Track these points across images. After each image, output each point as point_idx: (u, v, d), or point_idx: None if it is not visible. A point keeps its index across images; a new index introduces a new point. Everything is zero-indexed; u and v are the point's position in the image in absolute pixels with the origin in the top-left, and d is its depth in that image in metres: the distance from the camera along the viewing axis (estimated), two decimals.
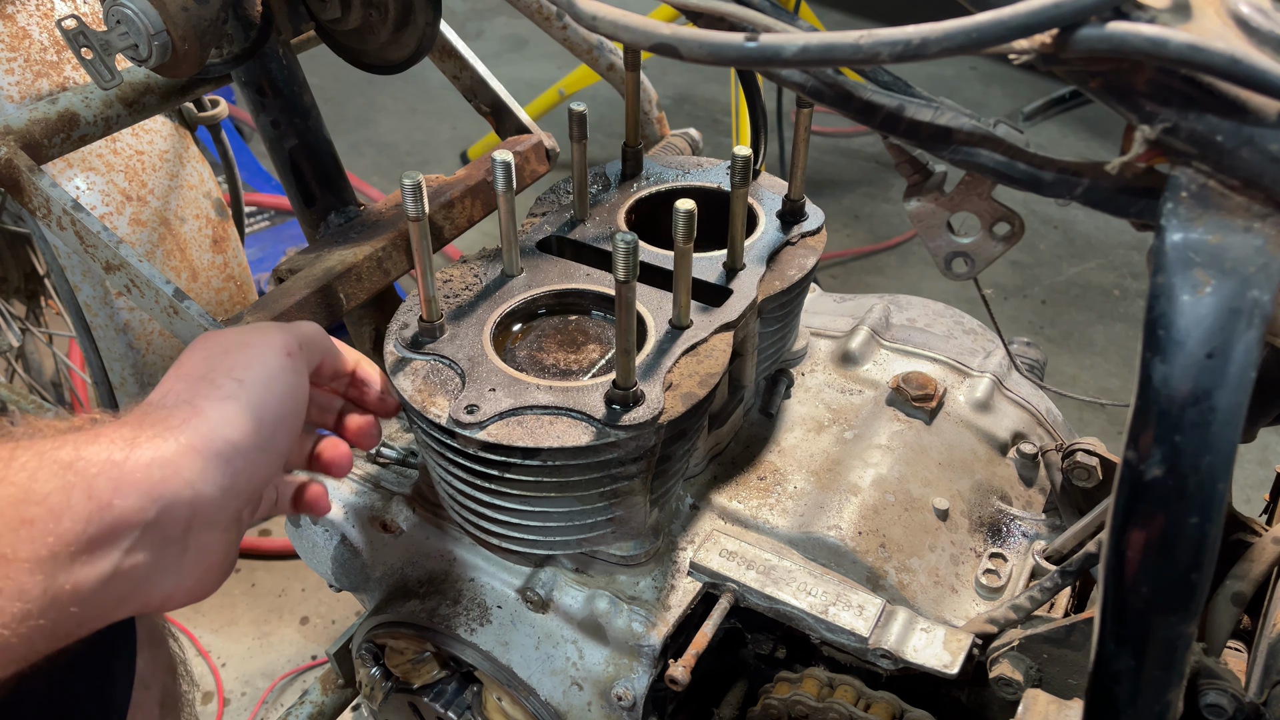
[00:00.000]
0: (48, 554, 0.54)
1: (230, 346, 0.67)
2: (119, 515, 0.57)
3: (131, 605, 0.61)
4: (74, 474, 0.56)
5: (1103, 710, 0.54)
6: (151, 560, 0.59)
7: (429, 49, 1.01)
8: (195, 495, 0.60)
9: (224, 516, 0.63)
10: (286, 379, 0.67)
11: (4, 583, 0.53)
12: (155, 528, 0.59)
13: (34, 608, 0.54)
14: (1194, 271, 0.46)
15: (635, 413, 0.75)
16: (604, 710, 0.90)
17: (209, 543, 0.63)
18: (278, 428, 0.65)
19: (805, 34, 0.49)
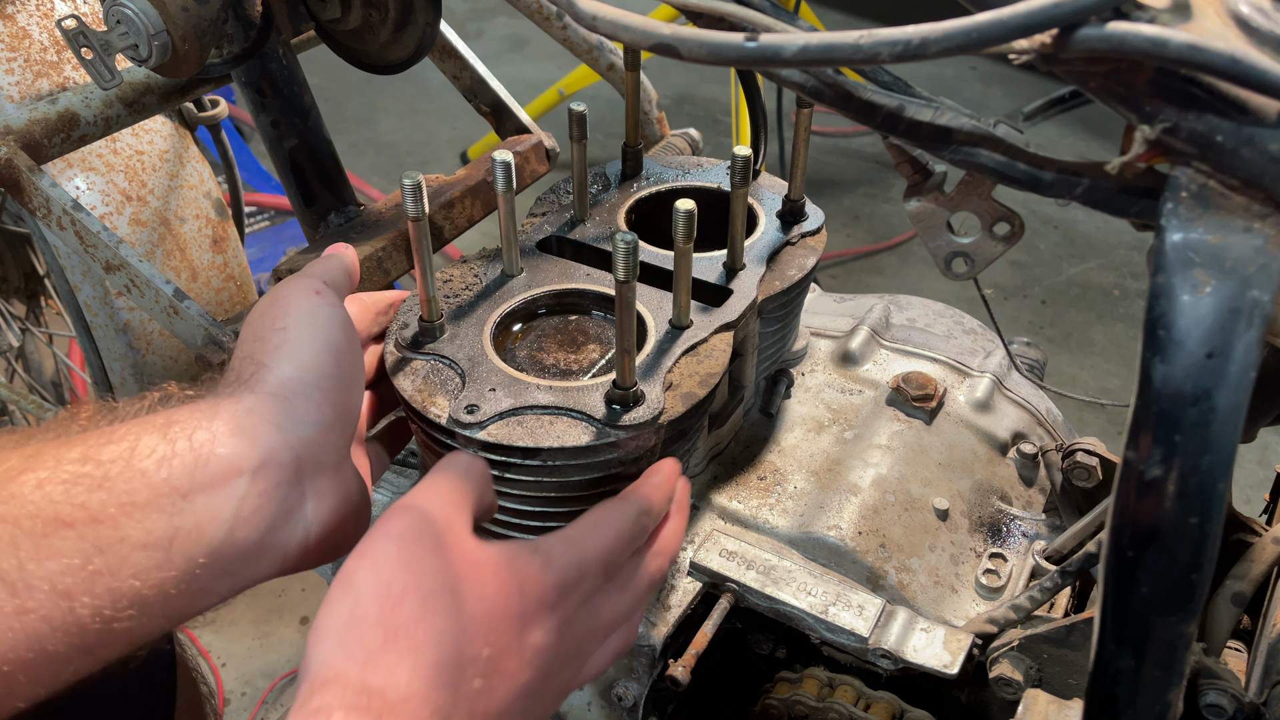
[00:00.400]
0: (168, 492, 0.57)
1: (264, 306, 0.68)
2: (224, 461, 0.59)
3: (266, 560, 0.62)
4: (174, 430, 0.59)
5: (1103, 710, 0.54)
6: (272, 507, 0.61)
7: (429, 49, 1.01)
8: (287, 435, 0.62)
9: (329, 454, 0.64)
10: (323, 312, 0.67)
11: (131, 528, 0.55)
12: (263, 473, 0.60)
13: (163, 556, 0.56)
14: (1194, 271, 0.46)
15: (635, 413, 0.75)
16: (604, 710, 0.90)
17: (325, 486, 0.64)
18: (338, 356, 0.66)
19: (805, 34, 0.49)
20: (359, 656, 0.52)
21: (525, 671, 0.59)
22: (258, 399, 0.62)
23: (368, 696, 0.51)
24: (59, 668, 0.54)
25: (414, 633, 0.54)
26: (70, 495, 0.55)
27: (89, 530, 0.55)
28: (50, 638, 0.53)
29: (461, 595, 0.56)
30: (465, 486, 0.63)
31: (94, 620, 0.54)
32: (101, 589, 0.54)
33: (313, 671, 0.53)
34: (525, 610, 0.59)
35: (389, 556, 0.56)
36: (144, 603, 0.56)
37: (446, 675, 0.54)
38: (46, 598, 0.53)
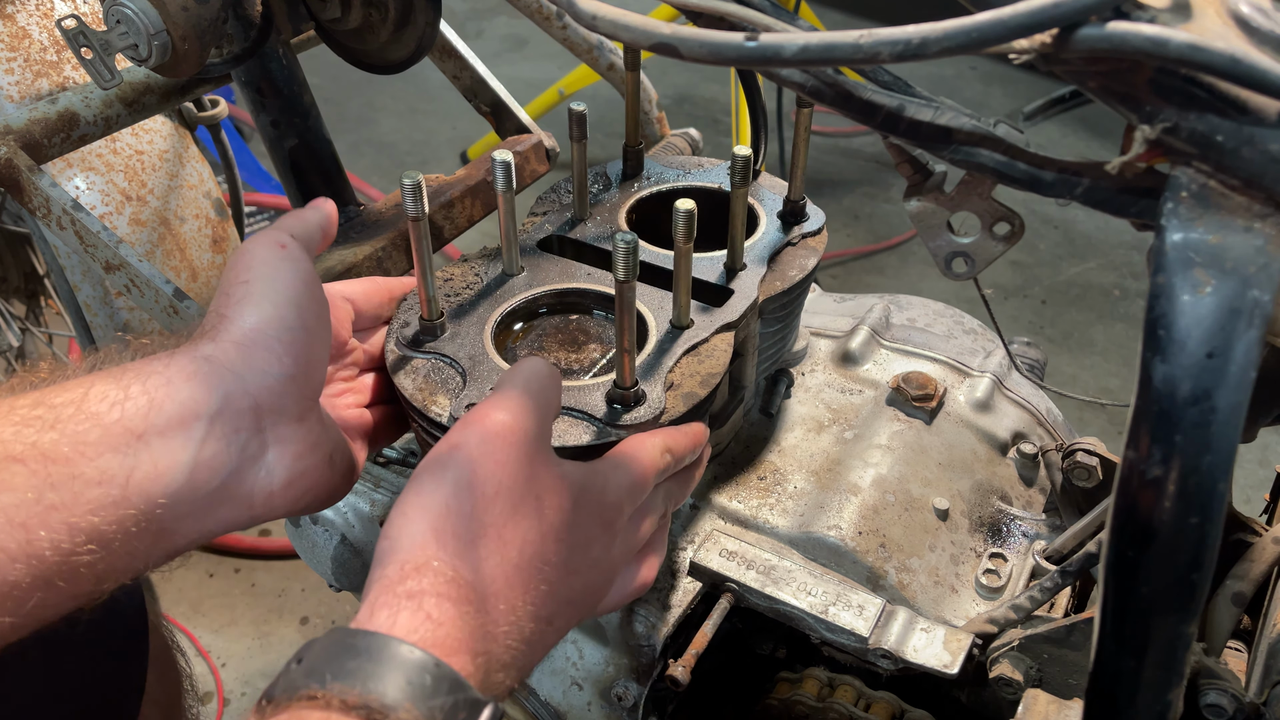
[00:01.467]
0: (120, 433, 0.57)
1: (231, 261, 0.69)
2: (180, 405, 0.60)
3: (229, 506, 0.63)
4: (128, 377, 0.60)
5: (1103, 710, 0.54)
6: (232, 453, 0.62)
7: (429, 49, 1.01)
8: (247, 383, 0.62)
9: (291, 404, 0.65)
10: (286, 266, 0.67)
11: (84, 466, 0.56)
12: (221, 419, 0.61)
13: (119, 493, 0.56)
14: (1194, 271, 0.46)
15: (636, 412, 0.75)
16: (604, 710, 0.90)
17: (287, 434, 0.65)
18: (300, 309, 0.66)
19: (805, 34, 0.49)
20: (452, 547, 0.56)
21: (579, 581, 0.64)
22: (217, 347, 0.63)
23: (458, 587, 0.55)
24: (21, 597, 0.54)
25: (503, 532, 0.58)
26: (21, 435, 0.56)
27: (40, 467, 0.55)
28: (9, 567, 0.53)
29: (544, 504, 0.61)
30: (548, 398, 0.67)
31: (53, 553, 0.55)
32: (58, 522, 0.55)
33: (403, 553, 0.56)
34: (591, 526, 0.65)
35: (487, 454, 0.60)
36: (104, 539, 0.56)
37: (523, 575, 0.59)
38: (2, 528, 0.53)
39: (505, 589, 0.57)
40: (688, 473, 0.78)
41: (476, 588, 0.56)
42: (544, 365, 0.69)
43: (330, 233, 0.76)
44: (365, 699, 0.49)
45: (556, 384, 0.69)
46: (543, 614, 0.61)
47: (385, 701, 0.49)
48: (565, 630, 0.65)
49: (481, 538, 0.57)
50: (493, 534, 0.58)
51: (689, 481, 0.79)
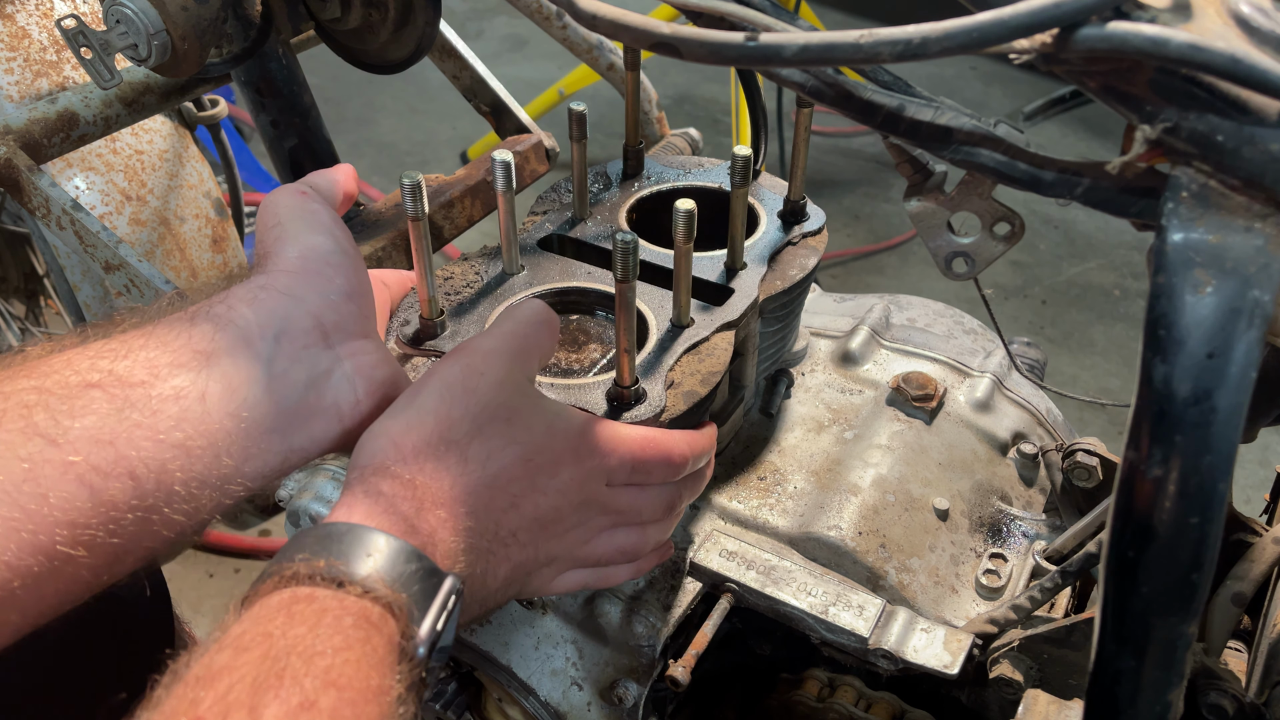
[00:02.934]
0: (190, 354, 0.60)
1: (260, 213, 0.72)
2: (244, 326, 0.62)
3: (319, 420, 0.65)
4: (193, 309, 0.63)
5: (1103, 710, 0.54)
6: (304, 366, 0.64)
7: (429, 49, 1.01)
8: (307, 303, 0.65)
9: (353, 322, 0.68)
10: (312, 207, 0.71)
11: (160, 386, 0.58)
12: (286, 336, 0.64)
13: (198, 407, 0.59)
14: (1195, 271, 0.46)
15: (637, 411, 0.75)
16: (604, 710, 0.90)
17: (356, 348, 0.67)
18: (335, 240, 0.69)
19: (805, 33, 0.49)
20: (409, 456, 0.60)
21: (546, 502, 0.67)
22: (269, 276, 0.66)
23: (414, 488, 0.59)
24: (121, 517, 0.55)
25: (464, 449, 0.62)
26: (96, 365, 0.58)
27: (117, 390, 0.57)
28: (105, 486, 0.55)
29: (513, 426, 0.65)
30: (535, 334, 0.70)
31: (144, 468, 0.56)
32: (143, 439, 0.57)
33: (362, 462, 0.61)
34: (561, 453, 0.67)
35: (455, 379, 0.64)
36: (192, 454, 0.58)
37: (487, 487, 0.62)
38: (89, 447, 0.55)
39: (467, 495, 0.61)
40: (698, 473, 0.79)
41: (435, 492, 0.60)
42: (537, 309, 0.71)
43: (350, 192, 0.78)
44: (332, 566, 0.53)
45: (547, 326, 0.71)
46: (506, 525, 0.64)
47: (350, 568, 0.53)
48: (533, 552, 0.67)
49: (445, 453, 0.61)
50: (455, 450, 0.62)
51: (700, 480, 0.80)
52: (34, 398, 0.56)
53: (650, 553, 0.80)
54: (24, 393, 0.56)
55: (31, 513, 0.52)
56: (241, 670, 0.47)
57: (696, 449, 0.76)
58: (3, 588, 0.52)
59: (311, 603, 0.51)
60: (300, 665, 0.48)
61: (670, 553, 0.84)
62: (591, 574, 0.76)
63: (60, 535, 0.53)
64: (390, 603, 0.53)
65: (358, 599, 0.52)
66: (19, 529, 0.52)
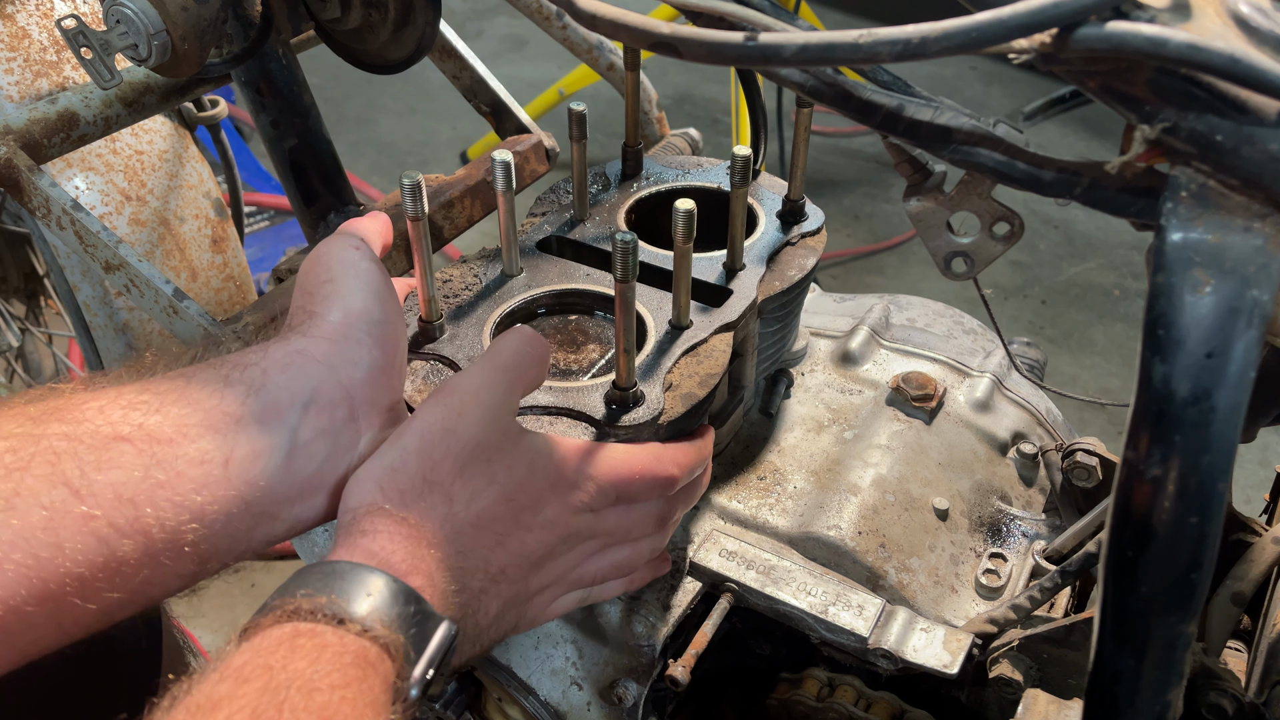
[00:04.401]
0: (220, 417, 0.60)
1: (308, 264, 0.72)
2: (275, 393, 0.63)
3: (326, 492, 0.65)
4: (227, 367, 0.64)
5: (1102, 710, 0.54)
6: (327, 440, 0.64)
7: (429, 49, 1.01)
8: (339, 374, 0.65)
9: (381, 395, 0.68)
10: (365, 264, 0.71)
11: (187, 447, 0.59)
12: (315, 407, 0.64)
13: (219, 473, 0.59)
14: (1194, 271, 0.46)
15: (635, 413, 0.75)
16: (603, 710, 0.90)
17: (378, 423, 0.68)
18: (383, 304, 0.70)
19: (805, 33, 0.49)
20: (394, 498, 0.61)
21: (532, 538, 0.67)
22: (309, 341, 0.66)
23: (408, 527, 0.60)
24: (130, 573, 0.56)
25: (448, 489, 0.63)
26: (128, 418, 0.59)
27: (146, 446, 0.58)
28: (119, 543, 0.55)
29: (494, 466, 0.65)
30: (520, 366, 0.70)
31: (159, 529, 0.57)
32: (163, 500, 0.57)
33: (352, 506, 0.62)
34: (542, 490, 0.67)
35: (435, 421, 0.65)
36: (206, 518, 0.58)
37: (472, 527, 0.63)
38: (111, 504, 0.56)
39: (455, 535, 0.62)
40: (693, 484, 0.80)
41: (428, 532, 0.61)
42: (524, 338, 0.71)
43: (386, 240, 0.79)
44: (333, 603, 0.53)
45: (535, 356, 0.71)
46: (495, 562, 0.65)
47: (350, 607, 0.54)
48: (523, 587, 0.68)
49: (430, 494, 0.62)
50: (439, 491, 0.63)
51: (695, 490, 0.80)
52: (64, 445, 0.56)
53: (644, 566, 0.80)
54: (54, 438, 0.56)
55: (44, 561, 0.53)
56: (241, 701, 0.48)
57: (686, 464, 0.75)
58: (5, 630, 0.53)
59: (313, 638, 0.52)
60: (299, 699, 0.49)
61: (666, 567, 0.84)
62: (585, 593, 0.76)
63: (69, 586, 0.54)
64: (387, 643, 0.54)
65: (356, 638, 0.53)
66: (30, 576, 0.53)
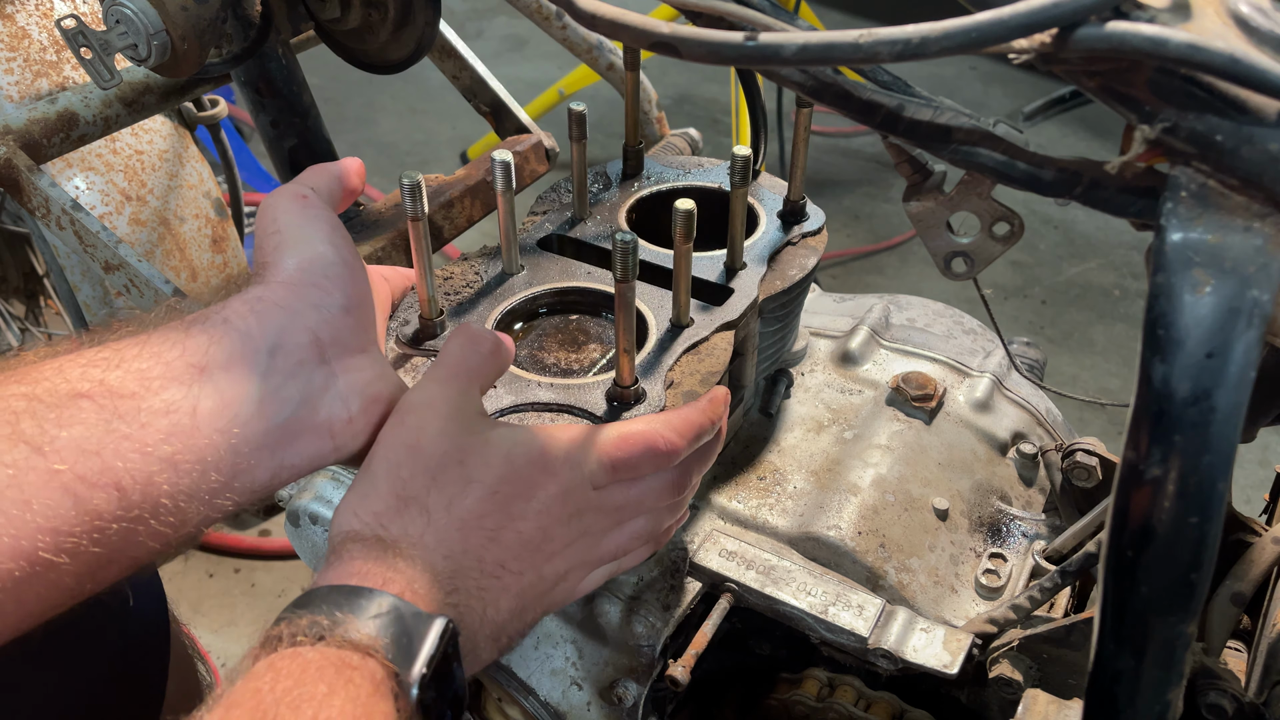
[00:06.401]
0: (183, 367, 0.60)
1: (259, 216, 0.71)
2: (239, 339, 0.62)
3: (309, 437, 0.64)
4: (189, 319, 0.63)
5: (1102, 710, 0.54)
6: (298, 383, 0.64)
7: (429, 49, 1.01)
8: (303, 317, 0.65)
9: (351, 337, 0.67)
10: (311, 213, 0.70)
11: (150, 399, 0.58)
12: (282, 351, 0.63)
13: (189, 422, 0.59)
14: (1194, 271, 0.46)
15: (636, 411, 0.75)
16: (603, 710, 0.90)
17: (353, 364, 0.67)
18: (336, 248, 0.69)
19: (805, 33, 0.49)
20: (369, 520, 0.62)
21: (527, 525, 0.66)
22: (266, 288, 0.65)
23: (381, 544, 0.60)
24: (106, 528, 0.55)
25: (424, 501, 0.63)
26: (88, 374, 0.58)
27: (107, 401, 0.57)
28: (90, 495, 0.55)
29: (468, 467, 0.65)
30: (467, 365, 0.69)
31: (130, 480, 0.56)
32: (130, 451, 0.56)
33: (332, 534, 0.63)
34: (530, 474, 0.66)
35: (398, 442, 0.65)
36: (180, 468, 0.58)
37: (455, 534, 0.63)
38: (75, 457, 0.55)
39: (437, 543, 0.62)
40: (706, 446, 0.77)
41: (405, 545, 0.61)
42: (465, 340, 0.71)
43: (352, 187, 0.77)
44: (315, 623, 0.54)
45: (484, 352, 0.71)
46: (490, 559, 0.64)
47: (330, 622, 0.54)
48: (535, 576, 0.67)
49: (405, 509, 0.62)
50: (414, 505, 0.63)
51: (709, 453, 0.78)
52: (22, 404, 0.55)
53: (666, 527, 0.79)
54: (13, 399, 0.56)
55: (13, 518, 0.53)
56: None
57: (689, 431, 0.72)
58: None
59: (294, 659, 0.52)
60: (289, 713, 0.49)
61: (684, 517, 0.83)
62: (613, 565, 0.75)
63: (42, 541, 0.53)
64: (367, 647, 0.54)
65: (336, 649, 0.53)
66: (1, 534, 0.52)
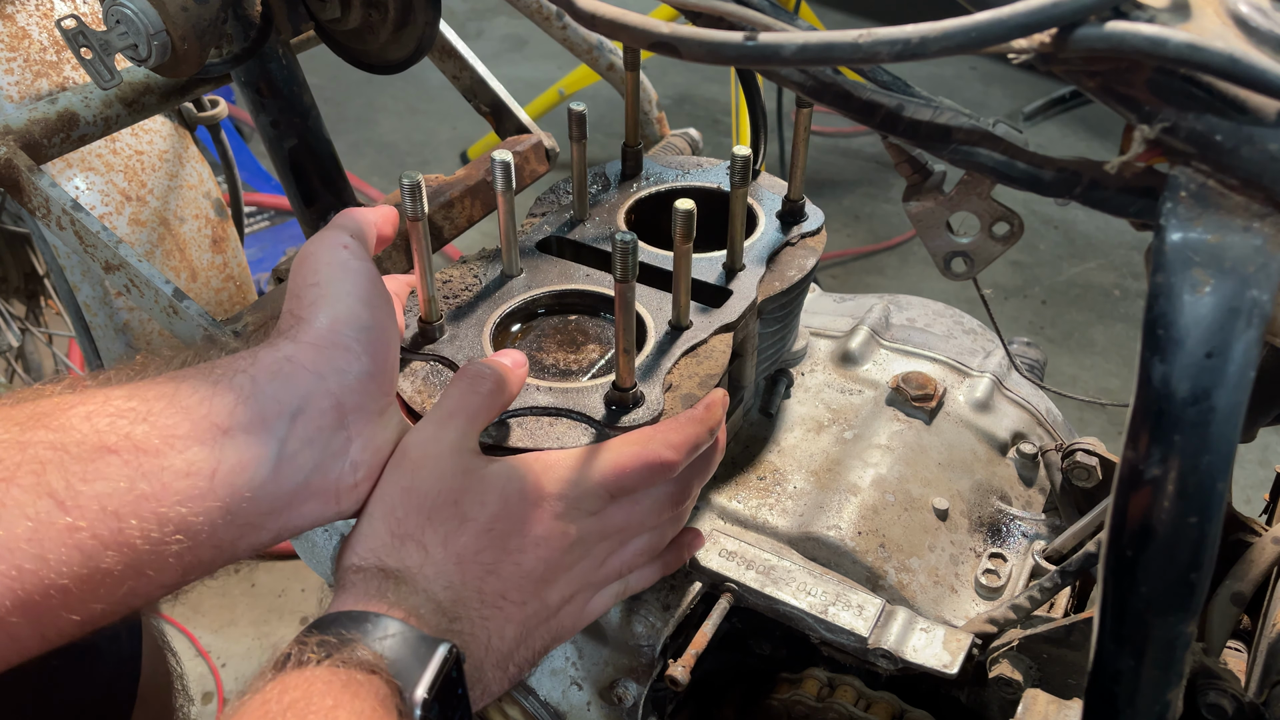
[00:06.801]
0: (208, 427, 0.60)
1: (296, 265, 0.71)
2: (264, 402, 0.63)
3: (315, 502, 0.65)
4: (216, 374, 0.63)
5: (1102, 710, 0.54)
6: (316, 448, 0.64)
7: (429, 49, 1.01)
8: (328, 382, 0.65)
9: (371, 401, 0.68)
10: (354, 265, 0.70)
11: (174, 458, 0.58)
12: (304, 416, 0.64)
13: (205, 485, 0.59)
14: (1193, 271, 0.46)
15: (635, 414, 0.75)
16: (603, 710, 0.90)
17: (371, 431, 0.68)
18: (372, 308, 0.69)
19: (804, 33, 0.49)
20: (368, 556, 0.64)
21: (527, 559, 0.67)
22: (297, 348, 0.65)
23: (384, 575, 0.63)
24: (113, 585, 0.56)
25: (420, 538, 0.64)
26: (115, 426, 0.58)
27: (133, 458, 0.58)
28: (102, 555, 0.56)
29: (463, 505, 0.66)
30: (465, 408, 0.70)
31: (143, 541, 0.57)
32: (148, 512, 0.57)
33: (338, 575, 0.65)
34: (525, 509, 0.67)
35: (394, 484, 0.66)
36: (191, 530, 0.58)
37: (453, 569, 0.64)
38: (95, 516, 0.55)
39: (437, 576, 0.64)
40: (705, 455, 0.77)
41: (406, 577, 0.63)
42: (468, 382, 0.71)
43: (387, 234, 0.78)
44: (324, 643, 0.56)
45: (485, 388, 0.71)
46: (490, 591, 0.66)
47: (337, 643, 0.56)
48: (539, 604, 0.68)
49: (403, 546, 0.64)
50: (411, 542, 0.64)
51: (708, 462, 0.78)
52: (49, 454, 0.56)
53: (672, 548, 0.79)
54: (40, 447, 0.56)
55: (28, 573, 0.53)
56: None
57: (683, 444, 0.72)
58: None
59: (303, 675, 0.54)
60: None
61: (702, 542, 0.84)
62: (620, 585, 0.76)
63: (54, 598, 0.54)
64: (373, 666, 0.55)
65: (343, 668, 0.54)
66: (14, 587, 0.53)
